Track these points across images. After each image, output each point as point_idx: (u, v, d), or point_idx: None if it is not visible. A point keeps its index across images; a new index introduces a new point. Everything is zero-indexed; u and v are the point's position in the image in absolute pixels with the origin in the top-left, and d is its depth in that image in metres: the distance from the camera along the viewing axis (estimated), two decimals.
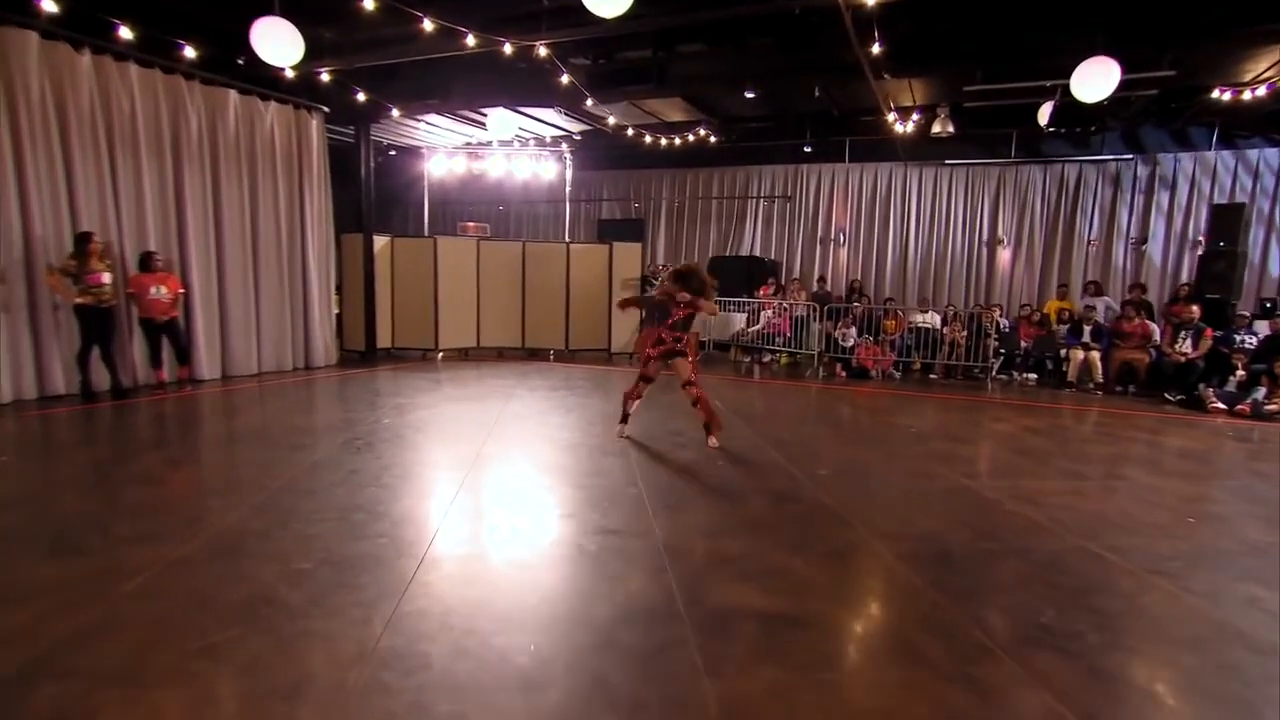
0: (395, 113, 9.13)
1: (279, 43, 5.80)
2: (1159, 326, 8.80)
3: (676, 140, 11.15)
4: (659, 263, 12.89)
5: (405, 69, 8.54)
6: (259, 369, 8.15)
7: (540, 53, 6.95)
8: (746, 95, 8.85)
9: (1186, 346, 7.95)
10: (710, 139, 11.15)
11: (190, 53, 7.02)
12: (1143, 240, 10.59)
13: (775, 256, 12.87)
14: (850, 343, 9.48)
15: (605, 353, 10.49)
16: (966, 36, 7.09)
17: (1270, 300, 9.34)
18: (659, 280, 10.48)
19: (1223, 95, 7.82)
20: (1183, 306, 8.35)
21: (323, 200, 8.93)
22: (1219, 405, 7.24)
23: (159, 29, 6.83)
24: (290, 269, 8.54)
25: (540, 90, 8.48)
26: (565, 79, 7.60)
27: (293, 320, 8.62)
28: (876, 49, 6.35)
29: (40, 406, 6.01)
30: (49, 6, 5.87)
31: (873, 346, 9.45)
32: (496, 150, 11.90)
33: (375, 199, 10.09)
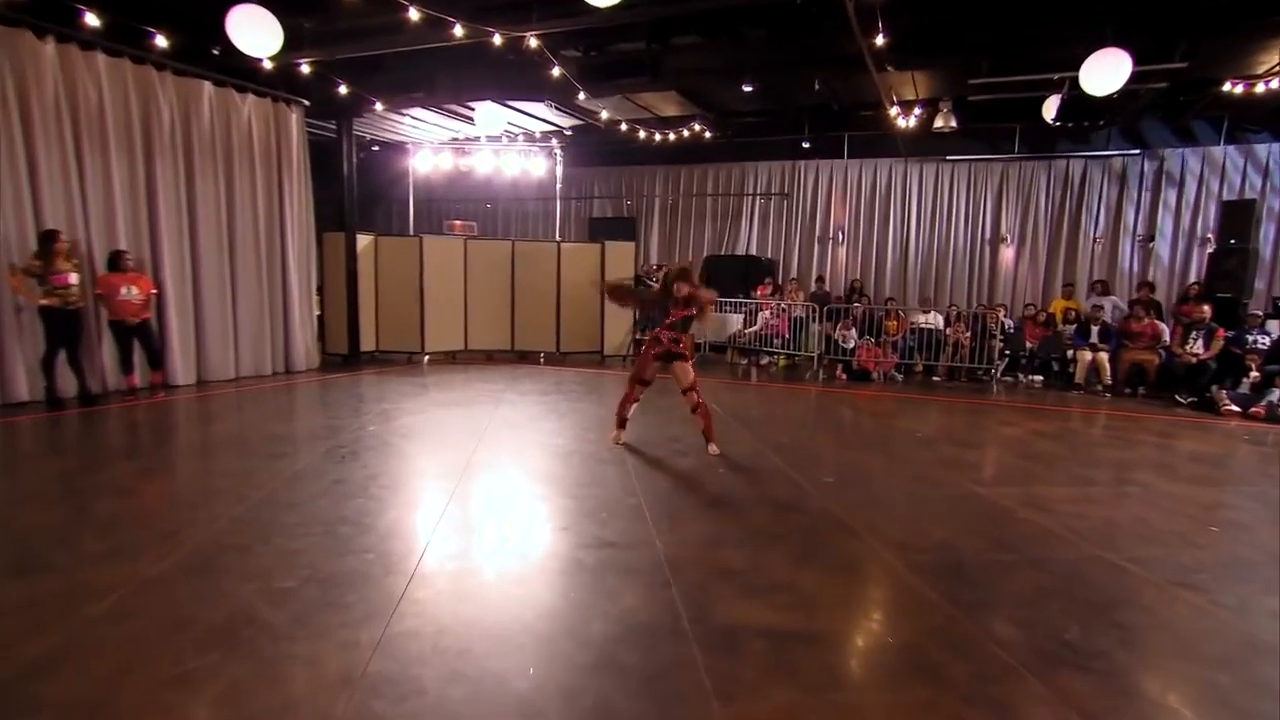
0: (379, 106, 9.08)
1: (256, 32, 5.73)
2: (1168, 326, 8.84)
3: (670, 135, 11.14)
4: (652, 262, 12.86)
5: (389, 60, 8.46)
6: (236, 374, 8.06)
7: (530, 44, 6.92)
8: (744, 89, 8.82)
9: (1198, 347, 7.98)
10: (705, 134, 11.14)
11: (162, 42, 6.92)
12: (1150, 238, 10.63)
13: (772, 255, 12.87)
14: (852, 344, 9.47)
15: (598, 355, 10.45)
16: (972, 27, 7.09)
17: None
18: (653, 281, 10.45)
19: (1234, 88, 7.86)
20: (1193, 306, 8.39)
21: (303, 197, 8.85)
22: (1232, 408, 7.28)
23: (128, 16, 6.72)
24: (269, 269, 8.45)
25: (530, 83, 8.45)
26: (556, 71, 7.57)
27: (272, 322, 8.52)
28: (880, 40, 6.34)
29: (1, 414, 5.88)
30: None
31: (874, 348, 9.44)
32: (484, 146, 11.86)
33: (358, 196, 10.02)
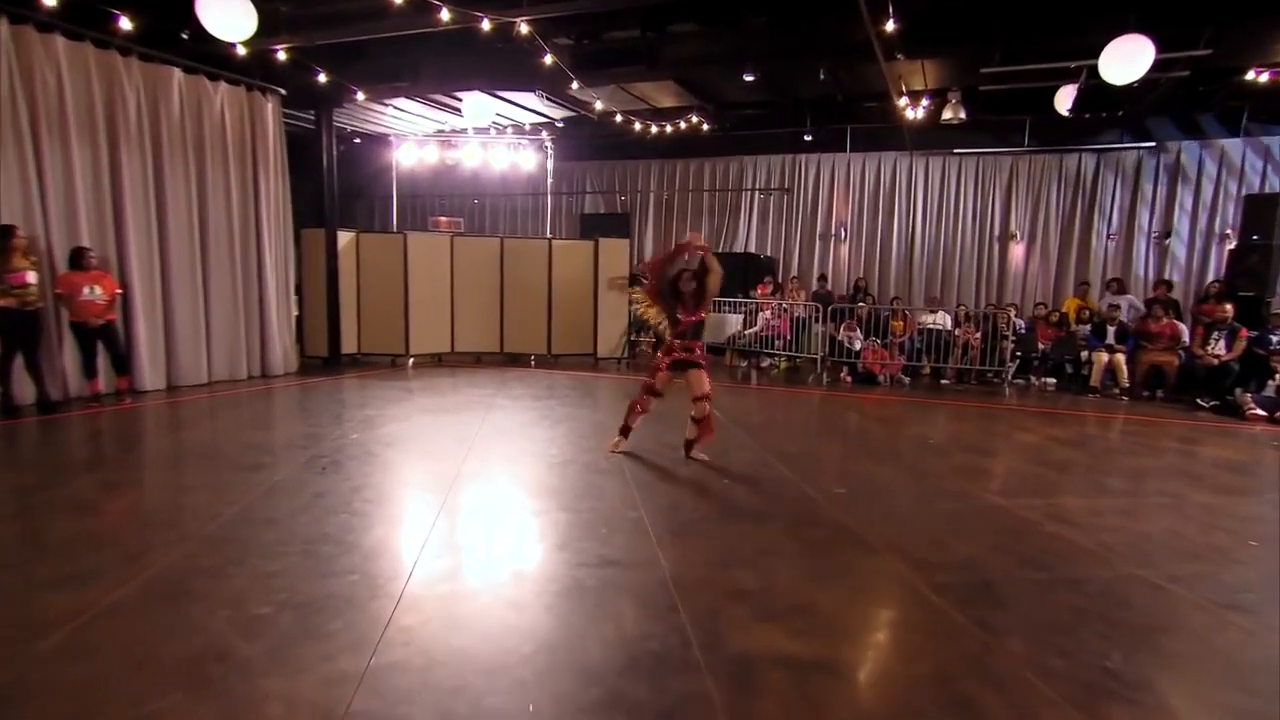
0: (360, 96, 8.95)
1: (228, 14, 5.61)
2: (1187, 326, 8.79)
3: (667, 128, 11.03)
4: (648, 260, 12.74)
5: (372, 47, 8.34)
6: (209, 378, 7.93)
7: (521, 30, 6.83)
8: (745, 78, 8.72)
9: (1220, 348, 7.94)
10: (703, 126, 11.05)
11: (126, 24, 6.76)
12: (1166, 234, 10.61)
13: (772, 253, 12.81)
14: (858, 346, 9.38)
15: (591, 358, 10.35)
16: (987, 13, 7.02)
17: None
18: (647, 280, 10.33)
19: (1258, 77, 7.80)
20: (1215, 305, 8.35)
21: (280, 191, 8.73)
22: (1258, 412, 7.24)
23: None
24: (244, 267, 8.31)
25: (520, 72, 8.35)
26: (548, 60, 7.47)
27: (247, 324, 8.39)
28: (890, 26, 6.25)
29: None
30: None
31: (880, 350, 9.36)
32: (472, 138, 11.77)
33: (339, 191, 9.92)
